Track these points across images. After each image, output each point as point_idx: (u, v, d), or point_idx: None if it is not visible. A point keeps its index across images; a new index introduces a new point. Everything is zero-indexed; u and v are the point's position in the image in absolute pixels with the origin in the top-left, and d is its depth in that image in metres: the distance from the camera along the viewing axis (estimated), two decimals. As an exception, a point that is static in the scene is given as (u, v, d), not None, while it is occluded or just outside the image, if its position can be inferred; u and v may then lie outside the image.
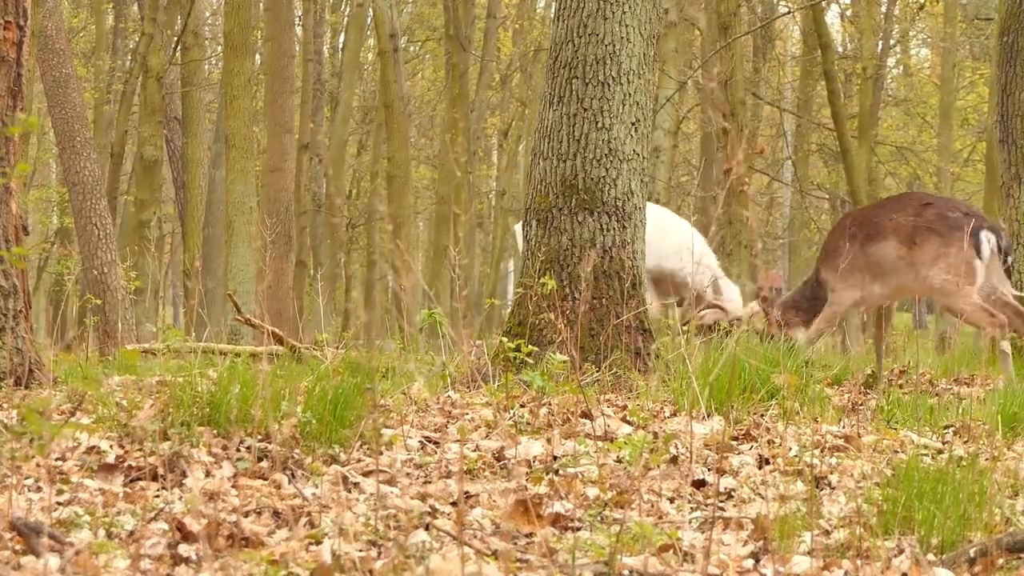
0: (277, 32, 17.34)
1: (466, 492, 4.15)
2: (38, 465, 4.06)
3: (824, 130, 24.67)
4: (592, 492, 4.20)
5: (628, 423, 5.25)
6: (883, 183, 27.85)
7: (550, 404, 5.44)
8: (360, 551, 3.43)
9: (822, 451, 4.85)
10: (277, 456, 4.25)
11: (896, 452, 4.86)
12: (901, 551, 3.61)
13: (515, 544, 3.65)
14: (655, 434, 4.99)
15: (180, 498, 3.89)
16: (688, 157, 28.28)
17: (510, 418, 5.20)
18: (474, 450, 4.75)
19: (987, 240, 8.29)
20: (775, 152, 27.56)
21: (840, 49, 26.98)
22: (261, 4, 19.45)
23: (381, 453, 4.57)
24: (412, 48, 30.95)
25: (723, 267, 11.71)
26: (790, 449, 4.82)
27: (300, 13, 23.79)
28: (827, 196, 28.89)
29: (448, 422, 5.28)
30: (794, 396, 5.52)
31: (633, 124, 7.27)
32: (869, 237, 8.34)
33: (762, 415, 5.44)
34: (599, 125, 7.22)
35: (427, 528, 3.67)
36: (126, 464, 4.20)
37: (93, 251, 13.97)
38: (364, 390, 4.63)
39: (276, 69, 17.16)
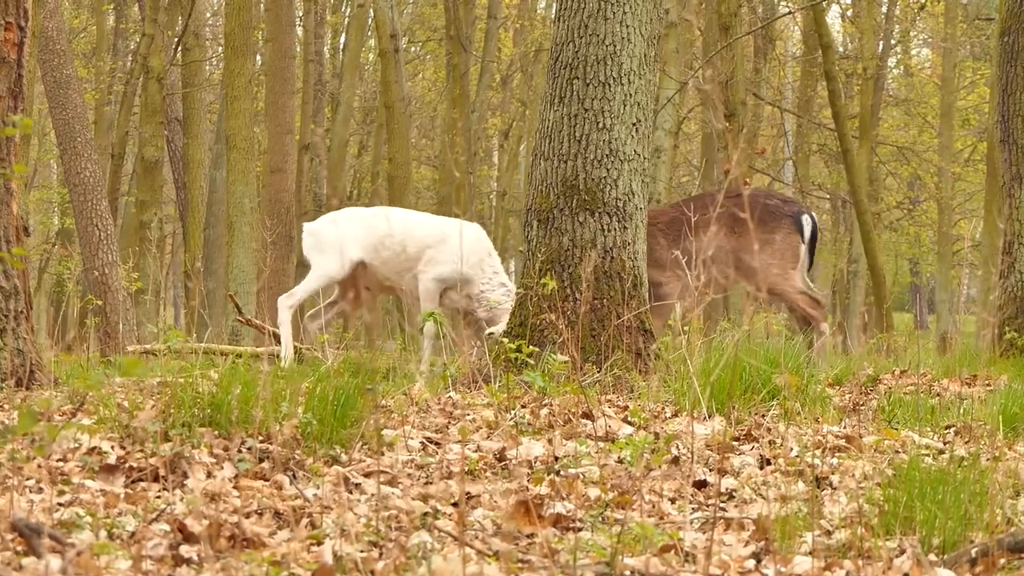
0: (278, 33, 17.35)
1: (467, 493, 4.15)
2: (39, 466, 4.06)
3: (825, 130, 24.68)
4: (593, 493, 4.20)
5: (629, 424, 5.25)
6: (884, 183, 27.88)
7: (551, 405, 5.44)
8: (361, 552, 3.43)
9: (823, 451, 4.85)
10: (278, 457, 4.25)
11: (897, 452, 4.86)
12: (902, 551, 3.61)
13: (516, 545, 3.65)
14: (656, 435, 4.99)
15: (181, 499, 3.90)
16: (689, 157, 28.29)
17: (511, 419, 5.20)
18: (475, 451, 4.75)
19: (807, 224, 8.66)
20: (776, 152, 27.58)
21: (841, 49, 26.99)
22: (262, 5, 19.46)
23: (382, 454, 4.57)
24: (413, 49, 30.95)
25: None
26: (791, 449, 4.82)
27: (301, 14, 23.80)
28: (828, 196, 28.92)
29: (449, 423, 5.28)
30: (795, 396, 5.52)
31: (634, 124, 7.27)
32: (691, 232, 8.61)
33: (763, 415, 5.44)
34: (600, 125, 7.22)
35: (428, 529, 3.67)
36: (127, 465, 4.20)
37: (94, 252, 13.99)
38: (365, 391, 4.63)
39: (277, 70, 17.16)
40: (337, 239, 9.12)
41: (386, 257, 9.12)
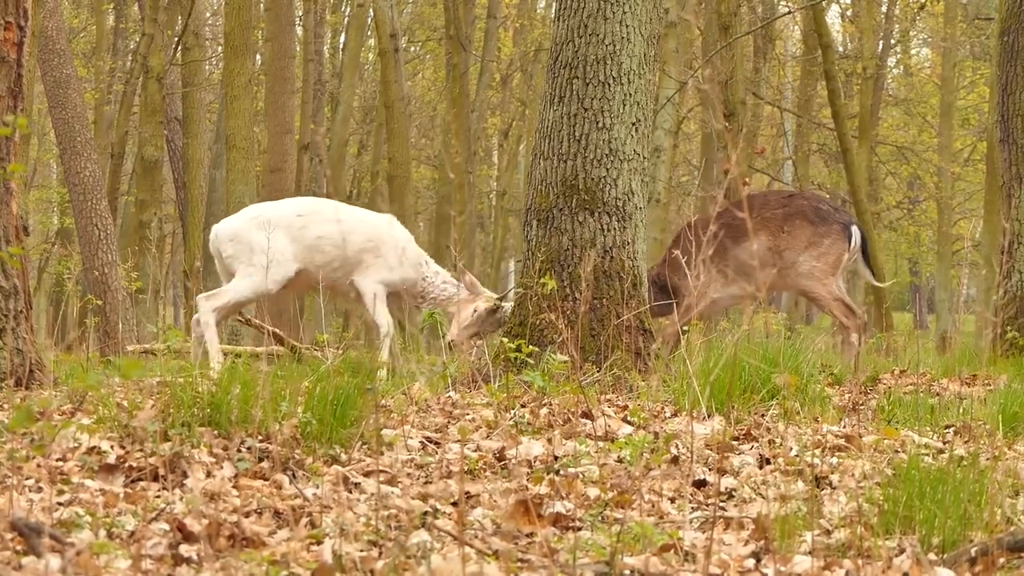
0: (277, 32, 17.34)
1: (467, 492, 4.15)
2: (39, 466, 4.06)
3: (824, 130, 24.68)
4: (593, 492, 4.20)
5: (629, 423, 5.25)
6: (883, 183, 27.88)
7: (551, 404, 5.44)
8: (361, 551, 3.44)
9: (823, 451, 4.85)
10: (278, 456, 4.25)
11: (897, 452, 4.86)
12: (902, 551, 3.61)
13: (516, 544, 3.65)
14: (656, 434, 5.00)
15: (181, 498, 3.90)
16: (688, 157, 28.29)
17: (511, 418, 5.20)
18: (475, 450, 4.75)
19: (855, 235, 8.83)
20: (775, 152, 27.58)
21: (840, 49, 27.00)
22: (262, 4, 19.45)
23: (382, 453, 4.57)
24: (413, 48, 30.94)
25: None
26: (791, 449, 4.82)
27: (300, 13, 23.79)
28: (828, 196, 28.90)
29: (449, 422, 5.28)
30: (795, 396, 5.52)
31: (634, 124, 7.27)
32: (735, 237, 8.65)
33: (763, 415, 5.44)
34: (600, 125, 7.22)
35: (428, 528, 3.67)
36: (127, 464, 4.20)
37: (94, 252, 13.98)
38: (365, 390, 4.63)
39: (276, 69, 17.16)
40: (272, 249, 8.53)
41: (322, 262, 8.76)
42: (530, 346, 6.40)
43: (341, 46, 28.30)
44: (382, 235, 8.93)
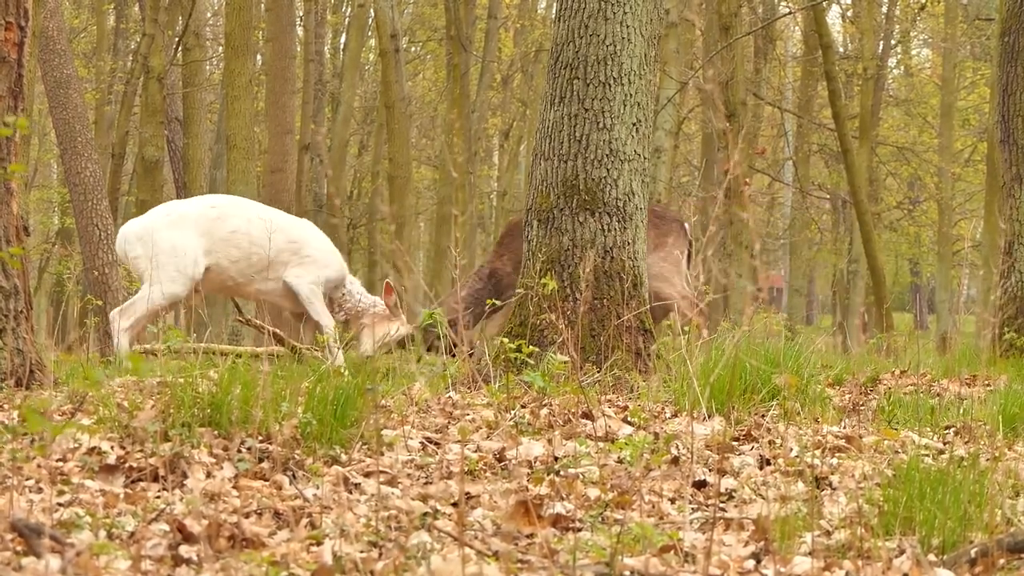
0: (278, 33, 17.34)
1: (467, 493, 4.15)
2: (39, 466, 4.06)
3: (825, 130, 24.69)
4: (593, 493, 4.20)
5: (629, 424, 5.25)
6: (884, 183, 27.89)
7: (551, 405, 5.44)
8: (361, 552, 3.44)
9: (823, 452, 4.85)
10: (278, 457, 4.25)
11: (897, 452, 4.86)
12: (902, 551, 3.61)
13: (516, 545, 3.65)
14: (656, 435, 4.99)
15: (181, 499, 3.90)
16: (689, 157, 28.30)
17: (511, 419, 5.20)
18: (475, 451, 4.75)
19: (687, 234, 9.20)
20: (776, 152, 27.59)
21: (841, 49, 27.01)
22: (262, 5, 19.46)
23: (382, 454, 4.57)
24: (413, 49, 30.94)
25: (722, 268, 11.63)
26: (791, 450, 4.82)
27: (301, 14, 23.79)
28: (828, 196, 28.94)
29: (449, 423, 5.28)
30: (795, 396, 5.52)
31: (634, 125, 7.27)
32: None
33: (763, 416, 5.44)
34: (600, 126, 7.22)
35: (428, 529, 3.68)
36: (127, 465, 4.20)
37: (94, 252, 14.00)
38: (365, 391, 4.63)
39: (277, 70, 17.16)
40: (176, 248, 8.43)
41: (237, 257, 8.64)
42: (530, 346, 6.40)
43: (342, 46, 28.32)
44: (306, 235, 8.95)
